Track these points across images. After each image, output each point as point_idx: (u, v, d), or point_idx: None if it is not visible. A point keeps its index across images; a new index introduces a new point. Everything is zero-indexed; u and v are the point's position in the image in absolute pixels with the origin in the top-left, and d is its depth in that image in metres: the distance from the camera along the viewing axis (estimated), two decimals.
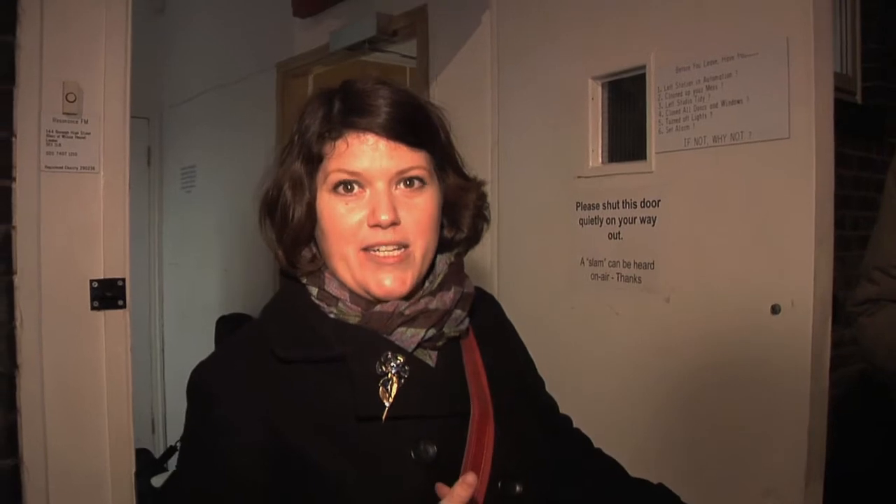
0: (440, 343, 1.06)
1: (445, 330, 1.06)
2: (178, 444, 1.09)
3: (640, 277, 2.11)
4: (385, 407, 0.98)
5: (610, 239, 2.19)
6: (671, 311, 2.02)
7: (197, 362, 1.03)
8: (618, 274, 2.17)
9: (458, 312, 1.08)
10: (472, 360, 1.10)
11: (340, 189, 1.03)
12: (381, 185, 1.02)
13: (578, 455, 1.28)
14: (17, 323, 1.92)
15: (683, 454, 1.89)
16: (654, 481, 1.23)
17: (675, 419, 1.98)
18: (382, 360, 1.00)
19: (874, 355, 1.53)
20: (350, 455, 0.97)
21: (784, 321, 1.72)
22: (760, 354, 1.78)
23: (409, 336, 1.03)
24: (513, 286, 2.46)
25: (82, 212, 2.02)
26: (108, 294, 2.04)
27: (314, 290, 1.06)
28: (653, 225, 2.07)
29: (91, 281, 2.03)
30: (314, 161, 1.05)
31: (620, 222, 2.16)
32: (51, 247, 1.97)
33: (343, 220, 1.03)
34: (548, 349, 1.64)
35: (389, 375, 1.00)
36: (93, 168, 2.03)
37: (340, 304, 1.04)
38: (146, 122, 5.00)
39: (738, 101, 1.85)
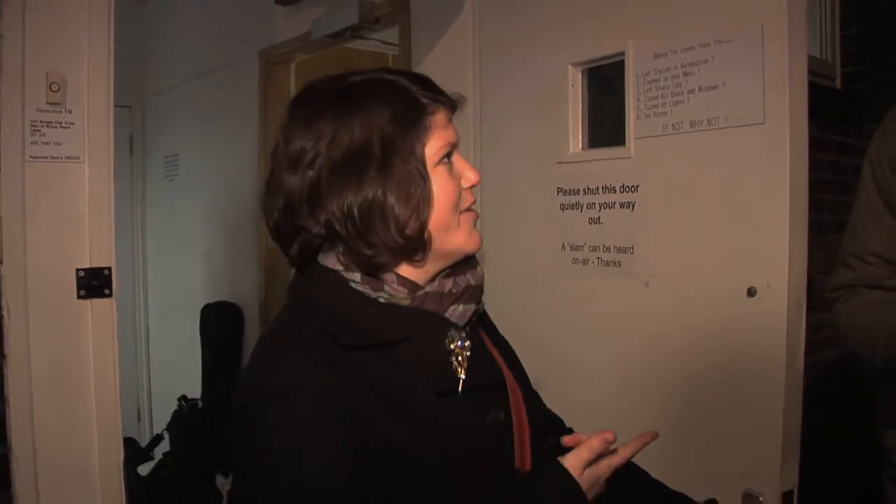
0: (475, 319, 1.14)
1: (480, 305, 1.14)
2: (245, 447, 1.02)
3: (619, 262, 2.13)
4: (460, 380, 1.05)
5: (590, 224, 2.21)
6: (650, 295, 2.04)
7: (181, 351, 1.04)
8: (598, 259, 2.19)
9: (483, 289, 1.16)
10: (483, 334, 1.19)
11: (444, 160, 1.08)
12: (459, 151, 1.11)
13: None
14: (4, 312, 1.93)
15: (661, 436, 1.92)
16: None
17: (654, 401, 2.01)
18: (449, 337, 1.06)
19: (847, 341, 1.55)
20: (431, 429, 1.01)
21: (760, 304, 1.75)
22: (737, 336, 1.81)
23: (460, 312, 1.10)
24: (495, 272, 2.48)
25: (68, 201, 2.03)
26: (94, 283, 2.05)
27: (356, 277, 1.06)
28: (632, 210, 2.09)
29: (77, 270, 2.04)
30: (418, 143, 1.06)
31: (600, 207, 2.18)
32: (37, 236, 1.98)
33: (455, 187, 1.09)
34: (529, 333, 1.67)
35: (457, 351, 1.06)
36: (77, 158, 2.03)
37: (387, 288, 1.06)
38: (128, 110, 4.99)
39: (715, 87, 1.87)
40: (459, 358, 1.06)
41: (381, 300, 1.06)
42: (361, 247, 1.03)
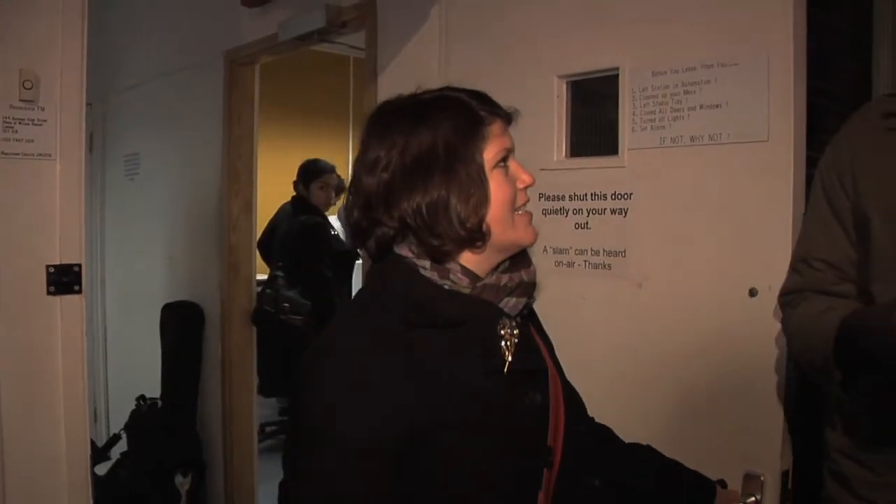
0: (526, 311, 1.29)
1: (531, 299, 1.29)
2: (298, 411, 1.19)
3: (609, 265, 2.20)
4: (506, 363, 1.20)
5: (576, 228, 2.28)
6: (644, 295, 2.11)
7: (139, 351, 1.11)
8: (585, 261, 2.25)
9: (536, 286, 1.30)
10: (531, 326, 1.34)
11: (501, 164, 1.23)
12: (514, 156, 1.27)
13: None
14: None
15: (663, 430, 1.97)
16: None
17: (654, 396, 2.08)
18: (500, 324, 1.21)
19: (792, 346, 1.60)
20: (477, 402, 1.16)
21: (761, 303, 1.83)
22: (739, 333, 1.89)
23: (513, 304, 1.24)
24: None
25: (39, 198, 2.04)
26: (64, 279, 2.06)
27: (426, 264, 1.20)
28: (624, 216, 2.16)
29: (48, 266, 2.05)
30: (477, 149, 1.21)
31: (588, 213, 2.25)
32: (7, 232, 1.99)
33: (511, 188, 1.24)
34: None
35: (507, 337, 1.21)
36: (49, 155, 2.05)
37: (452, 276, 1.21)
38: (89, 107, 4.93)
39: (718, 106, 1.96)
40: (508, 343, 1.21)
41: (446, 287, 1.20)
42: (429, 238, 1.18)
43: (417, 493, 1.13)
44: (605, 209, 2.22)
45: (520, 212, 1.26)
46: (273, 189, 5.00)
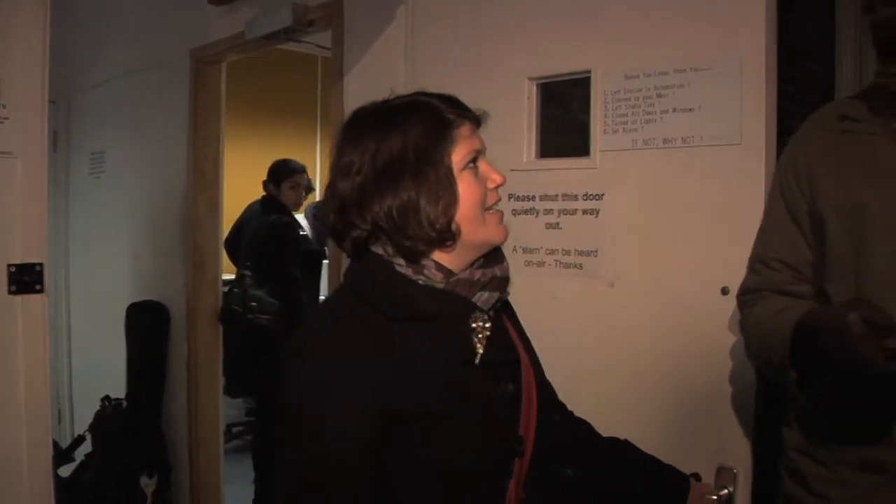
0: (499, 305, 1.32)
1: (504, 294, 1.33)
2: (282, 402, 1.22)
3: (581, 264, 2.22)
4: (478, 354, 1.24)
5: (547, 228, 2.30)
6: (616, 295, 2.14)
7: (104, 351, 1.12)
8: (556, 261, 2.28)
9: (509, 281, 1.35)
10: (506, 320, 1.38)
11: (471, 165, 1.27)
12: (485, 157, 1.30)
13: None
14: None
15: (637, 426, 1.98)
16: None
17: (628, 393, 2.11)
18: (473, 317, 1.26)
19: (748, 346, 1.62)
20: (453, 393, 1.21)
21: (733, 301, 1.84)
22: (712, 331, 1.93)
23: (485, 298, 1.29)
24: None
25: (0, 196, 2.02)
26: (25, 279, 2.04)
27: (401, 261, 1.25)
28: (596, 216, 2.19)
29: (9, 265, 2.03)
30: (445, 152, 1.24)
31: (559, 213, 2.28)
32: None
33: (481, 188, 1.27)
34: None
35: (479, 329, 1.25)
36: (10, 153, 2.03)
37: (426, 272, 1.25)
38: (53, 105, 4.87)
39: (691, 110, 1.99)
40: (480, 336, 1.25)
41: (421, 282, 1.24)
42: (401, 239, 1.22)
43: (393, 480, 1.18)
44: (576, 209, 2.24)
45: (491, 211, 1.30)
46: (240, 188, 4.97)
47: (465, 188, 1.25)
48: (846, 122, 1.48)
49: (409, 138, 1.22)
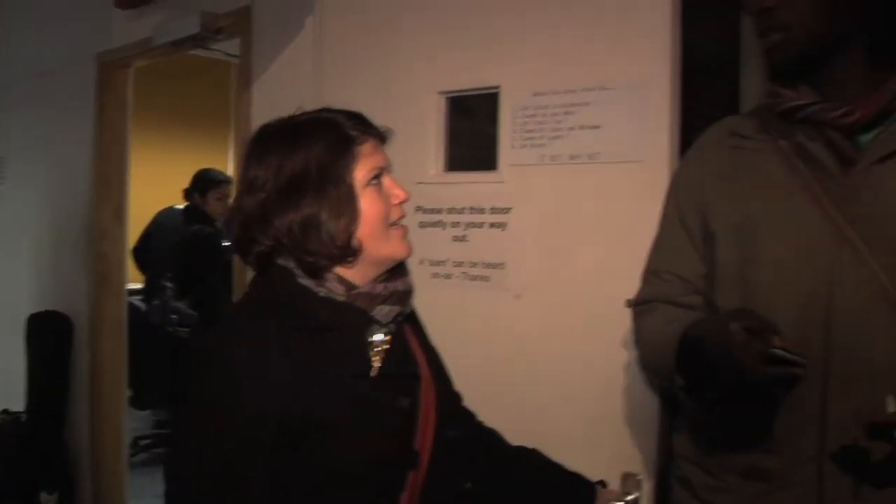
0: (401, 319, 1.34)
1: (405, 308, 1.34)
2: (181, 417, 1.26)
3: (488, 276, 2.25)
4: (374, 368, 1.26)
5: (454, 241, 2.33)
6: (523, 306, 2.17)
7: (4, 363, 1.09)
8: (462, 273, 2.31)
9: (412, 295, 1.37)
10: (410, 334, 1.40)
11: (374, 182, 1.28)
12: (390, 174, 1.32)
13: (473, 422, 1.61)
14: None
15: (544, 435, 2.00)
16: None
17: (534, 403, 2.13)
18: (371, 330, 1.27)
19: (640, 355, 1.64)
20: (347, 404, 1.23)
21: None
22: (616, 341, 1.96)
23: (385, 312, 1.29)
24: None
25: None
26: None
27: (301, 273, 1.26)
28: (503, 230, 2.22)
29: None
30: (347, 169, 1.26)
31: (466, 226, 2.30)
32: None
33: (384, 204, 1.29)
34: None
35: (377, 343, 1.27)
36: None
37: (328, 285, 1.26)
38: None
39: (597, 127, 2.04)
40: (378, 349, 1.27)
41: (321, 294, 1.26)
42: (303, 254, 1.24)
43: (287, 486, 1.18)
44: (483, 223, 2.28)
45: (395, 226, 1.31)
46: (150, 195, 4.87)
47: (368, 205, 1.26)
48: (736, 139, 1.52)
49: (311, 155, 1.23)
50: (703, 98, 3.02)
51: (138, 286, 5.10)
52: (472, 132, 2.38)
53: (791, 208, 1.39)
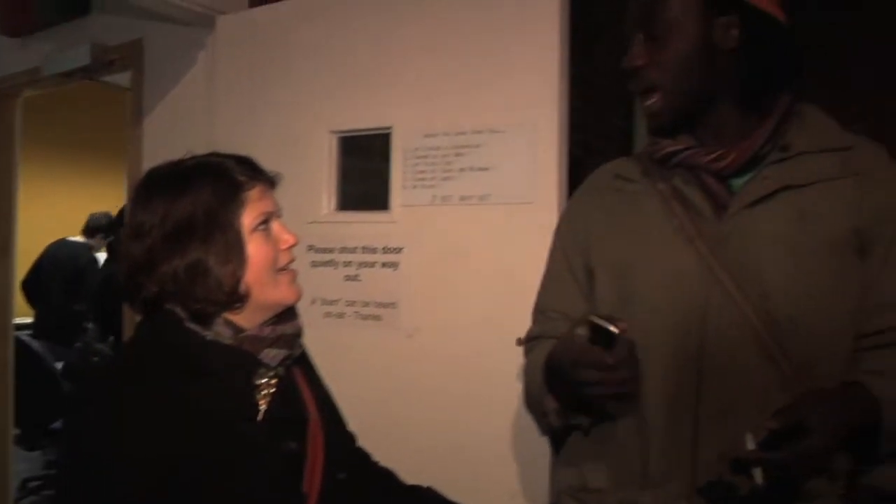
0: (289, 362, 1.32)
1: (294, 351, 1.33)
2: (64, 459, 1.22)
3: (380, 316, 2.24)
4: (261, 411, 1.26)
5: (346, 280, 2.31)
6: (415, 345, 2.18)
7: None
8: (355, 312, 2.29)
9: (301, 337, 1.36)
10: (300, 376, 1.38)
11: (262, 227, 1.26)
12: (279, 218, 1.31)
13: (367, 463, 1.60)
14: None
15: (436, 472, 2.01)
16: None
17: (427, 441, 2.13)
18: (258, 374, 1.26)
19: (524, 391, 1.67)
20: (233, 448, 1.20)
21: None
22: (507, 379, 1.97)
23: (273, 355, 1.28)
24: None
25: None
26: None
27: (186, 316, 1.23)
28: (395, 270, 2.22)
29: None
30: (234, 215, 1.24)
31: (358, 266, 2.29)
32: None
33: (272, 249, 1.27)
34: None
35: (263, 386, 1.27)
36: None
37: (215, 328, 1.24)
38: None
39: (487, 169, 2.07)
40: (264, 392, 1.26)
41: (208, 338, 1.24)
42: (190, 301, 1.21)
43: None
44: (375, 262, 2.27)
45: (284, 271, 1.30)
46: (42, 227, 4.72)
47: (255, 250, 1.25)
48: (620, 181, 1.56)
49: (198, 201, 1.21)
50: (597, 134, 3.10)
51: (27, 320, 4.95)
52: (364, 172, 2.38)
53: (666, 250, 1.43)
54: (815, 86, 1.58)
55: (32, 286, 5.09)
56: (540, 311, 1.67)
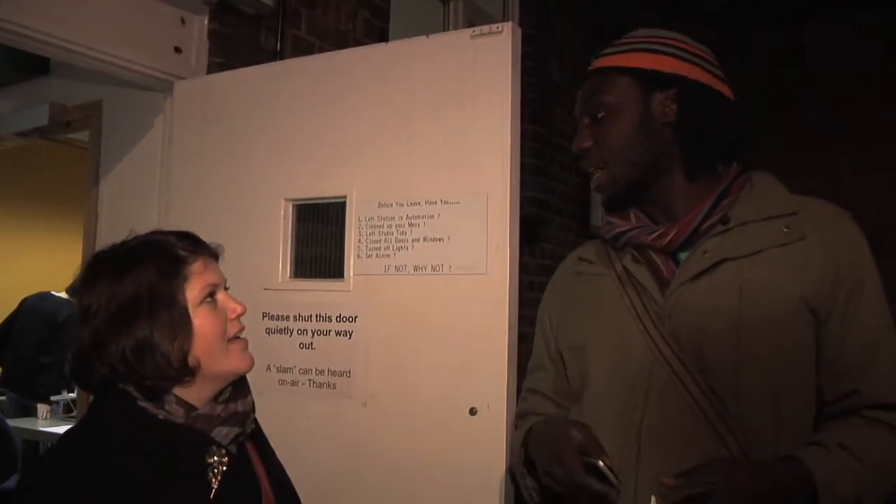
0: (241, 439, 1.33)
1: (246, 428, 1.33)
2: None
3: (335, 384, 2.22)
4: (213, 489, 1.24)
5: (301, 348, 2.29)
6: (369, 414, 2.16)
7: None
8: (309, 380, 2.27)
9: (252, 414, 1.36)
10: (252, 451, 1.39)
11: (208, 299, 1.28)
12: (225, 289, 1.33)
13: None
14: None
15: None
16: None
17: None
18: (210, 452, 1.25)
19: (510, 467, 1.69)
20: None
21: (481, 420, 1.96)
22: (461, 448, 1.99)
23: (225, 433, 1.28)
24: None
25: None
26: None
27: (138, 395, 1.23)
28: (349, 338, 2.21)
29: None
30: (178, 290, 1.25)
31: (313, 333, 2.28)
32: None
33: (219, 321, 1.28)
34: None
35: (215, 464, 1.25)
36: None
37: (167, 407, 1.24)
38: None
39: (440, 239, 2.08)
40: (216, 470, 1.25)
41: (161, 417, 1.23)
42: (140, 379, 1.22)
43: None
44: (330, 330, 2.26)
45: (234, 341, 1.31)
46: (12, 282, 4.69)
47: (202, 322, 1.26)
48: (583, 264, 1.62)
49: (141, 279, 1.23)
50: (554, 189, 3.11)
51: None
52: (320, 240, 2.37)
53: (617, 329, 1.47)
54: (767, 144, 1.61)
55: (2, 337, 5.12)
56: (525, 389, 1.74)
